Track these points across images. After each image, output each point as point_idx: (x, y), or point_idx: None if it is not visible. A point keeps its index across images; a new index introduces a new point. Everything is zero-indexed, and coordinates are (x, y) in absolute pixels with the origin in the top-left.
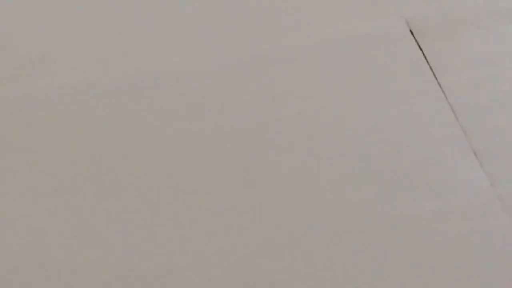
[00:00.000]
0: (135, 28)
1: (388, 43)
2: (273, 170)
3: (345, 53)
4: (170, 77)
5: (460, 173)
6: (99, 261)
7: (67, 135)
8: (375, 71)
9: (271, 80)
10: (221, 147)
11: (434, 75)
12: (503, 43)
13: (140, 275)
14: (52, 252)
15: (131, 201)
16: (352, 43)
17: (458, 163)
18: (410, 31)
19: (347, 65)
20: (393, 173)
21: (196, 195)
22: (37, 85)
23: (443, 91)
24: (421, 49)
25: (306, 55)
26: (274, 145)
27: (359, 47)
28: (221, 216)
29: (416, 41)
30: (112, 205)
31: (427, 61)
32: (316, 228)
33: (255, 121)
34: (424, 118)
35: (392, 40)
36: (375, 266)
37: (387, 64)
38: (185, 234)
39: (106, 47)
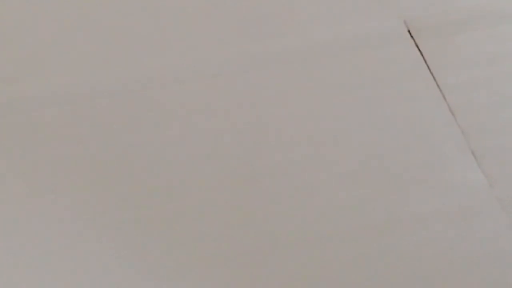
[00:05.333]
0: (133, 30)
1: (386, 44)
2: (272, 170)
3: (343, 53)
4: (168, 77)
5: (459, 173)
6: (97, 260)
7: (65, 135)
8: (373, 72)
9: (269, 80)
10: (220, 146)
11: (433, 75)
12: (500, 44)
13: (138, 275)
14: (49, 252)
15: (129, 201)
16: (350, 43)
17: (456, 163)
18: (409, 31)
19: (345, 65)
20: (391, 174)
21: (195, 194)
22: (36, 85)
23: (441, 91)
24: (419, 50)
25: (304, 56)
26: (272, 145)
27: (357, 48)
28: (219, 216)
29: (414, 41)
30: (110, 205)
31: (425, 62)
32: (314, 228)
33: (255, 120)
34: (422, 118)
35: (390, 40)
36: (372, 265)
37: (385, 65)
38: (184, 234)
39: (105, 48)
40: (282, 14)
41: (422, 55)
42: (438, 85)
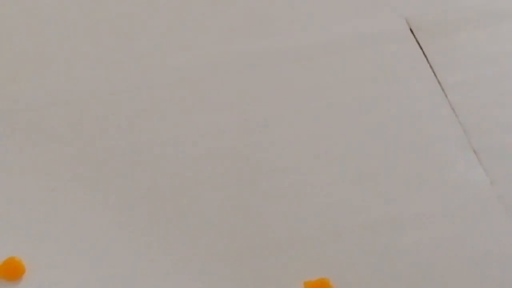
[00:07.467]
0: (133, 30)
1: (388, 42)
2: (272, 169)
3: (345, 52)
4: (169, 76)
5: (460, 171)
6: (96, 261)
7: (65, 135)
8: (375, 70)
9: (270, 79)
10: (220, 146)
11: (434, 74)
12: (503, 42)
13: (138, 276)
14: (48, 252)
15: (129, 201)
16: (352, 42)
17: (457, 161)
18: (410, 29)
19: (347, 64)
20: (392, 172)
21: (194, 194)
22: (36, 85)
23: (443, 90)
24: (421, 48)
25: (306, 54)
26: (272, 144)
27: (359, 46)
28: (218, 216)
29: (416, 39)
30: (110, 205)
31: (427, 60)
32: (314, 228)
33: (254, 119)
34: (424, 116)
35: (392, 39)
36: (373, 266)
37: (387, 63)
38: (184, 234)
39: (105, 47)
40: (282, 13)
41: (424, 54)
42: (439, 84)
